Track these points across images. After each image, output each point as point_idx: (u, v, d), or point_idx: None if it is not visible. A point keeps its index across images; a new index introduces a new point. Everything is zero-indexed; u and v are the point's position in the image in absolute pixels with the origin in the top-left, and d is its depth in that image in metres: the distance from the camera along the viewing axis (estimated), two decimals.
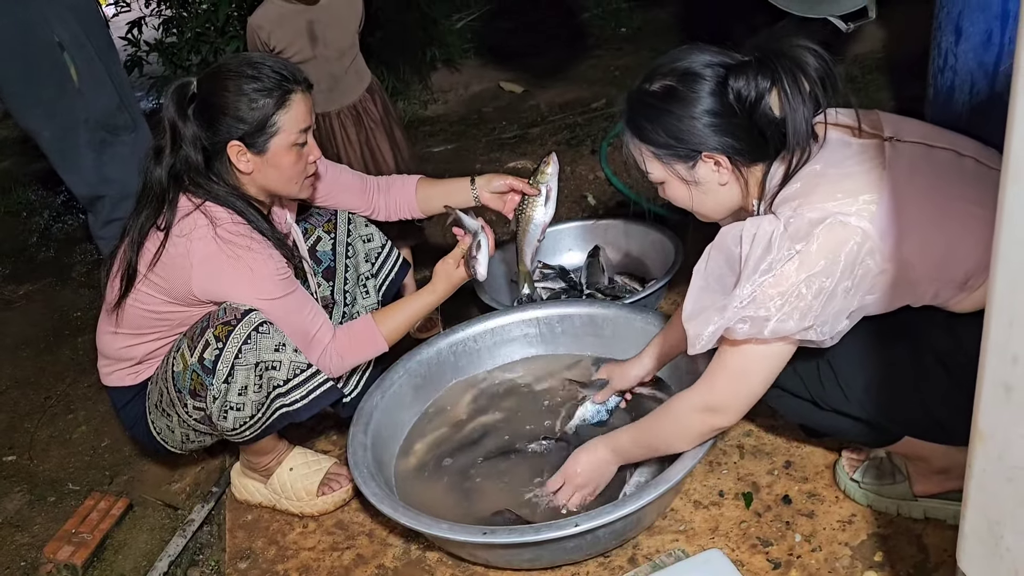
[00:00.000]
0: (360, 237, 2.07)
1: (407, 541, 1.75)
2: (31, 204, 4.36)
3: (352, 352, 1.79)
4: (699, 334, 1.31)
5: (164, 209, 1.67)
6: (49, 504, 2.16)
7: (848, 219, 1.21)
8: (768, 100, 1.28)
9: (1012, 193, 0.69)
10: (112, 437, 2.36)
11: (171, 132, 1.66)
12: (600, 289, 2.41)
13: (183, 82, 1.68)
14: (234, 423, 1.66)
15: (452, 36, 5.04)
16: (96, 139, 2.39)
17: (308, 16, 2.43)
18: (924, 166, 1.29)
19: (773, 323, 1.24)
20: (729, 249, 1.33)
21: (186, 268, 1.63)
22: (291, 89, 1.66)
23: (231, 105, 1.63)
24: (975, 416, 0.82)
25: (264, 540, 1.84)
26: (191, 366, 1.63)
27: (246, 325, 1.61)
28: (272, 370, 1.64)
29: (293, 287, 1.71)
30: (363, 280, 2.07)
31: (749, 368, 1.34)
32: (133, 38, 4.82)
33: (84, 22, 2.38)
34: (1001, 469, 0.83)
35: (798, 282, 1.22)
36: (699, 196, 1.40)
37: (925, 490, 1.55)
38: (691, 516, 1.66)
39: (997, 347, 0.77)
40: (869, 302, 1.27)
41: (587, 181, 3.34)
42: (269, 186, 1.73)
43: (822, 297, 1.22)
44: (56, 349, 2.91)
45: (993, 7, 2.03)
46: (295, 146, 1.69)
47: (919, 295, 1.29)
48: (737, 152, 1.32)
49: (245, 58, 1.68)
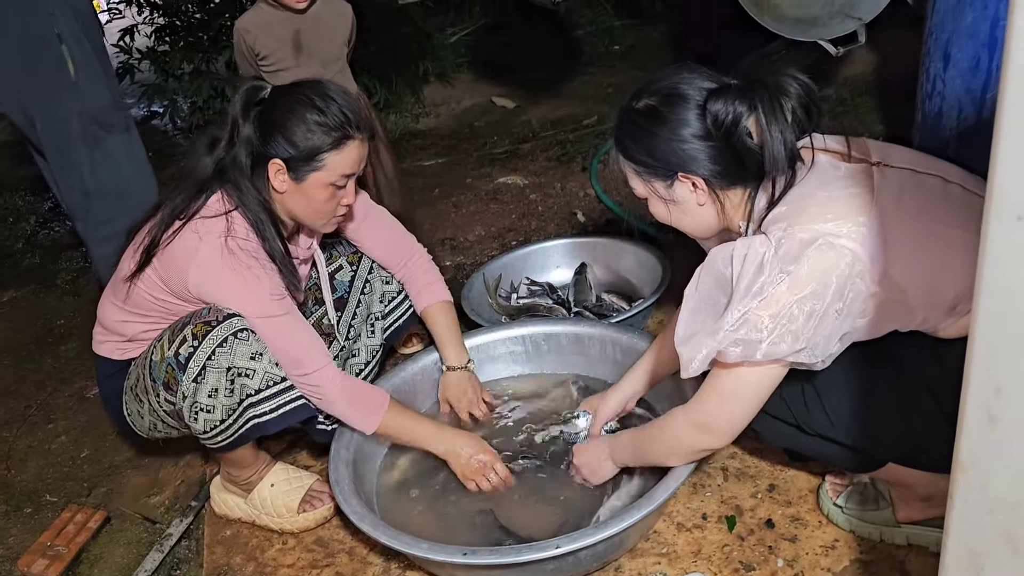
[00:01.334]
0: (381, 277, 2.06)
1: (387, 560, 1.73)
2: (18, 209, 4.33)
3: (345, 400, 1.72)
4: (692, 358, 1.31)
5: (199, 199, 1.68)
6: (25, 515, 2.12)
7: (838, 240, 1.21)
8: (745, 125, 1.28)
9: (995, 227, 0.69)
10: (92, 448, 2.33)
11: (231, 127, 1.67)
12: (587, 307, 2.40)
13: (256, 85, 1.69)
14: (205, 425, 1.65)
15: (445, 50, 5.05)
16: (89, 133, 2.39)
17: (294, 24, 2.43)
18: (912, 191, 1.30)
19: (765, 346, 1.24)
20: (719, 271, 1.33)
21: (186, 264, 1.63)
22: (350, 135, 1.66)
23: (289, 127, 1.63)
24: (957, 447, 0.81)
25: (242, 556, 1.82)
26: (167, 359, 1.63)
27: (225, 328, 1.61)
28: (245, 377, 1.63)
29: (285, 310, 1.69)
30: (372, 319, 2.05)
31: (741, 390, 1.34)
32: (125, 45, 4.82)
33: (81, 20, 2.38)
34: (983, 500, 0.83)
35: (789, 304, 1.22)
36: (678, 214, 1.41)
37: (908, 516, 1.54)
38: (674, 539, 1.65)
39: (980, 377, 0.77)
40: (860, 325, 1.27)
41: (577, 198, 3.34)
42: (295, 212, 1.73)
43: (814, 320, 1.22)
44: (38, 357, 2.88)
45: (981, 34, 2.04)
46: (332, 185, 1.68)
47: (908, 319, 1.29)
48: (713, 175, 1.33)
49: (321, 88, 1.67)
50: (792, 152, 1.29)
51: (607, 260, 2.59)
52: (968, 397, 0.79)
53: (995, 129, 0.67)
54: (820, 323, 1.22)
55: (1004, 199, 0.69)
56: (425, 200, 3.60)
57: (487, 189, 3.60)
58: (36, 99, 2.33)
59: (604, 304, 2.42)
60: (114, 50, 4.96)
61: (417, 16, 4.86)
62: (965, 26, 2.08)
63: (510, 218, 3.29)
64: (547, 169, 3.68)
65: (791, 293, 1.22)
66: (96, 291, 1.86)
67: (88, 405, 2.52)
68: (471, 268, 2.87)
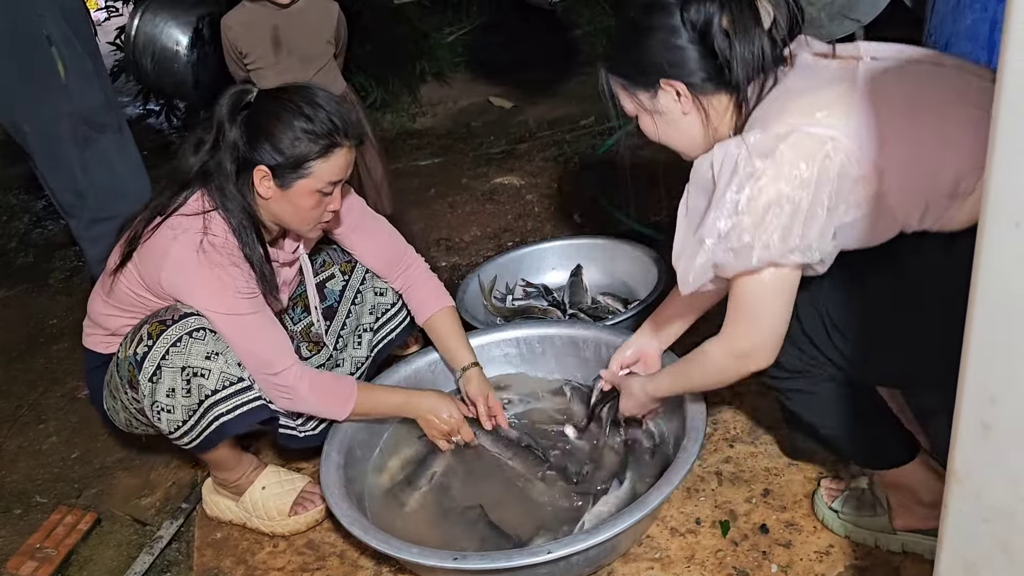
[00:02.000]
0: (373, 288, 2.04)
1: (378, 563, 1.72)
2: (11, 208, 4.31)
3: (316, 396, 1.73)
4: (686, 271, 1.31)
5: (179, 197, 1.67)
6: (15, 517, 2.11)
7: (814, 130, 1.18)
8: (719, 26, 1.27)
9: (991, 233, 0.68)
10: (83, 449, 2.32)
11: (216, 131, 1.66)
12: (583, 309, 2.39)
13: (243, 88, 1.67)
14: (169, 426, 1.64)
15: (442, 50, 5.04)
16: (79, 134, 2.38)
17: (274, 21, 2.43)
18: (899, 75, 1.26)
19: (758, 250, 1.21)
20: (703, 179, 1.30)
21: (160, 260, 1.62)
22: (338, 143, 1.64)
23: (275, 134, 1.61)
24: (951, 455, 0.80)
25: (232, 559, 1.80)
26: (128, 357, 1.63)
27: (180, 328, 1.60)
28: (200, 377, 1.61)
29: (253, 309, 1.68)
30: (360, 330, 2.03)
31: (758, 303, 1.30)
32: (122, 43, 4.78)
33: (72, 21, 2.37)
34: (978, 509, 0.81)
35: (771, 202, 1.19)
36: (663, 127, 1.40)
37: (906, 524, 1.52)
38: (667, 543, 1.64)
39: (974, 385, 0.76)
40: (853, 219, 1.22)
41: (573, 199, 3.33)
42: (281, 218, 1.72)
43: (801, 215, 1.18)
44: (29, 357, 2.86)
45: (980, 37, 2.03)
46: (319, 192, 1.67)
47: (908, 212, 1.22)
48: (694, 80, 1.32)
49: (309, 94, 1.65)
50: (766, 54, 1.27)
51: (603, 262, 2.57)
52: (962, 405, 0.78)
53: (991, 135, 0.66)
54: (809, 218, 1.19)
55: (1001, 205, 0.68)
56: (421, 200, 3.59)
57: (483, 189, 3.58)
58: (26, 101, 2.32)
59: (599, 306, 2.41)
60: (110, 48, 4.95)
61: (414, 15, 4.85)
62: (964, 28, 2.07)
63: (506, 219, 3.28)
64: (544, 170, 3.67)
65: (771, 189, 1.19)
66: (89, 290, 1.85)
67: (79, 406, 2.50)
68: (466, 269, 2.86)
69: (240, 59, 2.52)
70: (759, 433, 1.88)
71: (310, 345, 1.98)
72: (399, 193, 2.91)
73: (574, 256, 2.61)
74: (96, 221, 2.45)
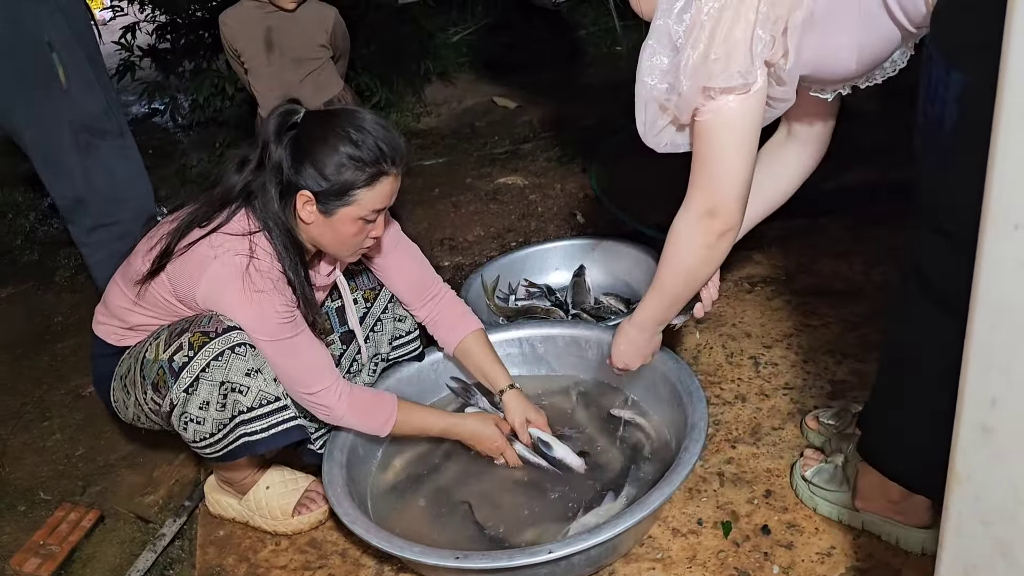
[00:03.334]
0: (394, 316, 2.00)
1: (380, 562, 1.72)
2: (17, 205, 4.32)
3: (356, 413, 1.72)
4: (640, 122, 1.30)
5: (221, 213, 1.64)
6: (19, 513, 2.12)
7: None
8: None
9: (991, 236, 0.68)
10: (87, 446, 2.32)
11: (262, 150, 1.62)
12: (586, 309, 2.39)
13: (290, 108, 1.62)
14: (194, 436, 1.63)
15: (447, 49, 5.05)
16: (81, 141, 2.37)
17: (268, 23, 2.45)
18: None
19: (684, 78, 1.19)
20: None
21: (197, 276, 1.60)
22: (386, 171, 1.61)
23: (320, 159, 1.57)
24: (951, 458, 0.81)
25: (235, 557, 1.81)
26: (160, 361, 1.61)
27: (223, 342, 1.58)
28: (238, 393, 1.60)
29: (295, 332, 1.65)
30: (378, 359, 2.00)
31: (713, 147, 1.27)
32: (127, 43, 4.81)
33: (74, 26, 2.36)
34: (978, 512, 0.82)
35: (695, 22, 1.17)
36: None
37: (867, 508, 1.55)
38: (669, 544, 1.64)
39: (975, 389, 0.76)
40: (797, 22, 1.19)
41: (577, 199, 3.33)
42: (321, 242, 1.68)
43: (720, 33, 1.16)
44: (34, 354, 2.87)
45: None
46: (362, 220, 1.64)
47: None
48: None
49: (356, 118, 1.60)
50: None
51: (606, 262, 2.58)
52: (963, 408, 0.78)
53: (992, 138, 0.67)
54: (733, 24, 1.16)
55: (1001, 207, 0.68)
56: (424, 200, 3.59)
57: (487, 189, 3.59)
58: (26, 108, 2.31)
59: (602, 306, 2.41)
60: (115, 47, 4.96)
61: (418, 15, 4.85)
62: None
63: (509, 219, 3.28)
64: (547, 170, 3.67)
65: (700, 8, 1.17)
66: (94, 290, 1.85)
67: (84, 403, 2.51)
68: (469, 269, 2.86)
69: (236, 55, 2.54)
70: (761, 434, 1.88)
71: None
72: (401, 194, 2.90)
73: (577, 257, 2.61)
74: (96, 227, 2.45)
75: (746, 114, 1.25)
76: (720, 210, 1.31)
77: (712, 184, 1.30)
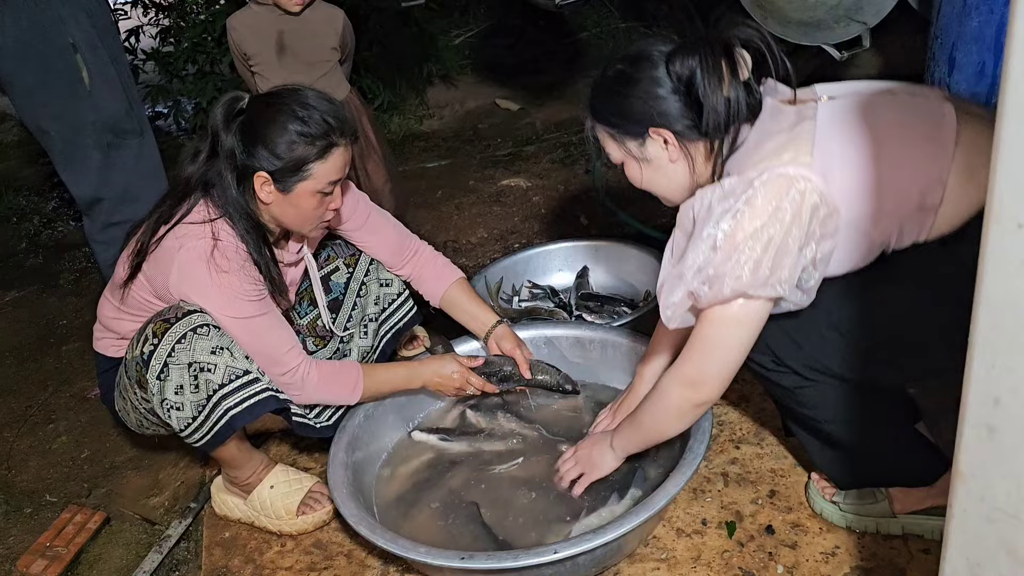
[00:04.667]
0: (378, 280, 2.06)
1: (386, 563, 1.73)
2: (21, 209, 4.34)
3: (325, 387, 1.77)
4: (667, 304, 1.36)
5: (182, 206, 1.69)
6: (25, 516, 2.12)
7: (785, 169, 1.24)
8: (701, 77, 1.32)
9: (995, 234, 0.68)
10: (92, 449, 2.33)
11: (212, 140, 1.67)
12: (590, 308, 2.39)
13: (235, 95, 1.67)
14: (179, 423, 1.65)
15: (450, 52, 5.06)
16: (103, 141, 2.39)
17: (279, 26, 2.45)
18: (856, 108, 1.32)
19: (730, 280, 1.25)
20: (684, 224, 1.38)
21: (167, 268, 1.65)
22: (336, 142, 1.65)
23: (271, 139, 1.62)
24: (956, 456, 0.81)
25: (241, 558, 1.81)
26: (135, 358, 1.65)
27: (184, 325, 1.62)
28: (207, 372, 1.63)
29: (261, 311, 1.70)
30: (366, 320, 2.05)
31: (719, 335, 1.34)
32: (130, 46, 4.83)
33: (98, 27, 2.38)
34: (982, 510, 0.82)
35: (745, 236, 1.24)
36: (650, 174, 1.45)
37: (904, 508, 1.56)
38: (673, 544, 1.64)
39: (979, 387, 0.76)
40: (829, 250, 1.27)
41: (580, 201, 3.33)
42: (283, 220, 1.73)
43: (772, 249, 1.23)
44: (40, 358, 2.88)
45: (987, 39, 2.03)
46: (320, 193, 1.68)
47: (884, 233, 1.29)
48: (682, 128, 1.37)
49: (300, 96, 1.66)
50: (741, 103, 1.32)
51: (609, 263, 2.58)
52: (967, 407, 0.78)
53: (995, 136, 0.67)
54: (781, 254, 1.23)
55: (1004, 206, 0.68)
56: (428, 202, 3.60)
57: (490, 191, 3.59)
58: (50, 108, 2.32)
59: (605, 308, 2.41)
60: None
61: (421, 18, 4.86)
62: (970, 31, 2.07)
63: (512, 220, 3.29)
64: (550, 171, 3.68)
65: (746, 225, 1.24)
66: (99, 292, 1.87)
67: (89, 406, 2.52)
68: (473, 270, 2.86)
69: (245, 60, 2.54)
70: (765, 434, 1.88)
71: (316, 340, 1.99)
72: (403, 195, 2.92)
73: (580, 258, 2.61)
74: (109, 225, 2.46)
75: (761, 314, 1.32)
76: (704, 386, 1.40)
77: (707, 362, 1.38)
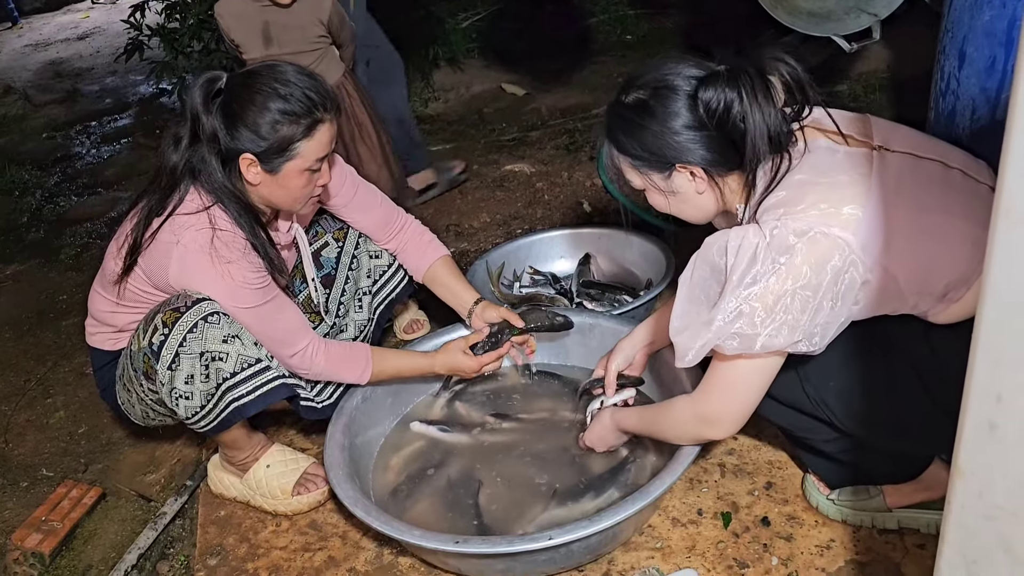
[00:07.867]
0: (368, 252, 2.06)
1: (380, 545, 1.73)
2: (24, 183, 4.33)
3: (334, 366, 1.77)
4: (688, 349, 1.32)
5: (173, 196, 1.65)
6: (21, 490, 2.13)
7: (831, 230, 1.21)
8: (738, 111, 1.28)
9: (1003, 228, 0.67)
10: (89, 424, 2.33)
11: (192, 123, 1.62)
12: (591, 296, 2.39)
13: (212, 76, 1.62)
14: (186, 412, 1.64)
15: (456, 35, 5.01)
16: None
17: (265, 16, 2.45)
18: (910, 177, 1.29)
19: (763, 338, 1.24)
20: (714, 260, 1.33)
21: (166, 261, 1.62)
22: (320, 119, 1.62)
23: (253, 120, 1.58)
24: (955, 452, 0.80)
25: (236, 537, 1.81)
26: (143, 348, 1.63)
27: (195, 313, 1.60)
28: (219, 361, 1.61)
29: (268, 297, 1.68)
30: (360, 294, 2.05)
31: (741, 382, 1.34)
32: (135, 22, 4.78)
33: None
34: (981, 507, 0.81)
35: (783, 295, 1.22)
36: (677, 204, 1.42)
37: (897, 501, 1.56)
38: (668, 533, 1.64)
39: (981, 383, 0.75)
40: (854, 312, 1.28)
41: (584, 188, 3.32)
42: (272, 200, 1.71)
43: (809, 311, 1.22)
44: (39, 332, 2.88)
45: (998, 34, 2.01)
46: (308, 171, 1.66)
47: (900, 304, 1.29)
48: (710, 163, 1.33)
49: (279, 72, 1.61)
50: (780, 133, 1.29)
51: (611, 251, 2.57)
52: (968, 403, 0.77)
53: (1006, 130, 0.66)
54: (815, 314, 1.23)
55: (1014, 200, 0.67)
56: None
57: (494, 176, 3.58)
58: None
59: (607, 295, 2.40)
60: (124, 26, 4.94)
61: (428, 0, 4.82)
62: (982, 24, 2.04)
63: (516, 206, 3.27)
64: (555, 158, 3.66)
65: (785, 284, 1.22)
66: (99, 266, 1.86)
67: (88, 381, 2.52)
68: (475, 255, 2.86)
69: (235, 46, 2.54)
70: (763, 426, 1.87)
71: (311, 316, 1.99)
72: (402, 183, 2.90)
73: (582, 245, 2.60)
74: None
75: (782, 359, 1.32)
76: (720, 424, 1.41)
77: (725, 401, 1.38)
